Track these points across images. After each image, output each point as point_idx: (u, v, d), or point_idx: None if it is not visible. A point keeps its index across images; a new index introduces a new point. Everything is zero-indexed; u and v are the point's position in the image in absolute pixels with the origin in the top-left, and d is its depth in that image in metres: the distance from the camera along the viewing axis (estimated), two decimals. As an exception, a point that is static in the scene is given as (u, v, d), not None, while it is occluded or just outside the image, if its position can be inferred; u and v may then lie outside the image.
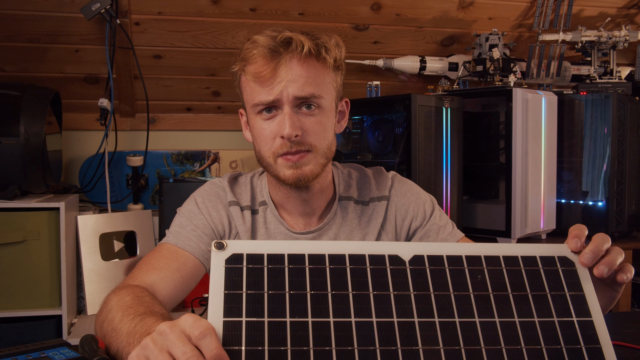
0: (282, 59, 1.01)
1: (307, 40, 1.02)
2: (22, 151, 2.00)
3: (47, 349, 0.83)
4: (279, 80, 1.01)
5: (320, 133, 1.05)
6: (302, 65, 1.02)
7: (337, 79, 1.09)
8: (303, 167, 1.05)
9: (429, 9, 2.49)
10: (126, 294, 0.91)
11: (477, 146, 2.33)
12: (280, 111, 1.03)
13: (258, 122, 1.06)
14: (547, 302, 0.73)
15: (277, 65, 1.01)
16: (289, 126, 1.01)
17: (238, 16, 2.34)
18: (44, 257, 2.04)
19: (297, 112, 1.03)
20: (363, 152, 2.26)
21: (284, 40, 1.01)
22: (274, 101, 1.02)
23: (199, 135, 2.71)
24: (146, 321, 0.80)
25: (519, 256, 0.76)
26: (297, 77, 1.01)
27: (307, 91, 1.02)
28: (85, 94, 2.48)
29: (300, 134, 1.03)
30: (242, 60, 1.05)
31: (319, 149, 1.06)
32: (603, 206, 2.27)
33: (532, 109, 2.17)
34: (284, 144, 1.03)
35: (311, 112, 1.04)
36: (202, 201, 1.14)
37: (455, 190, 2.17)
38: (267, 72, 1.01)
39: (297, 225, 1.15)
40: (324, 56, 1.03)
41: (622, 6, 2.69)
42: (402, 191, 1.20)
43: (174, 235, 1.10)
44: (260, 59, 1.02)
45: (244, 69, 1.05)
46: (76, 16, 2.17)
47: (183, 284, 1.04)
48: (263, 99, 1.02)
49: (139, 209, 2.52)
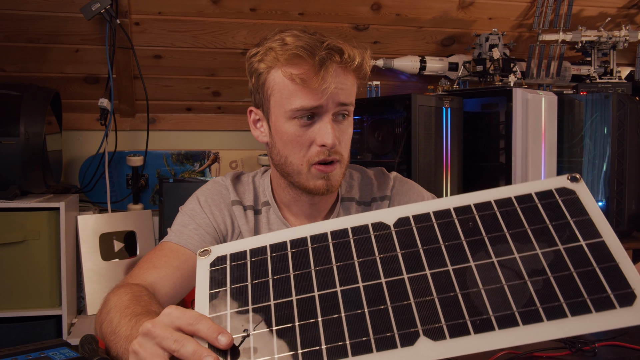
0: (330, 67, 0.98)
1: (358, 54, 1.01)
2: (22, 151, 2.00)
3: (47, 349, 0.83)
4: (326, 86, 0.98)
5: (347, 142, 1.07)
6: (346, 74, 1.02)
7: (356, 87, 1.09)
8: (332, 178, 1.05)
9: (429, 9, 2.49)
10: (124, 293, 0.91)
11: (477, 146, 2.32)
12: (319, 118, 1.02)
13: (292, 128, 1.02)
14: (549, 233, 0.66)
15: (326, 71, 0.98)
16: (333, 135, 1.00)
17: (238, 16, 2.34)
18: (44, 257, 2.04)
19: (334, 121, 1.03)
20: (363, 152, 2.26)
21: (334, 48, 0.99)
22: (317, 107, 1.00)
23: (199, 135, 2.71)
24: (142, 322, 0.80)
25: (512, 196, 0.70)
26: (342, 85, 1.01)
27: (349, 99, 1.03)
28: (85, 94, 2.48)
29: (338, 144, 1.03)
30: (277, 60, 1.00)
31: (345, 159, 1.07)
32: (603, 206, 2.27)
33: (532, 109, 2.17)
34: (321, 152, 1.02)
35: (345, 121, 1.05)
36: (205, 200, 1.14)
37: (455, 191, 2.17)
38: (315, 77, 0.98)
39: None
40: (365, 72, 1.04)
41: (622, 6, 2.69)
42: (403, 190, 1.20)
43: (176, 234, 1.09)
44: (306, 63, 0.98)
45: (283, 69, 1.00)
46: (76, 16, 2.17)
47: (183, 282, 1.04)
48: (307, 104, 0.99)
49: (139, 209, 2.52)
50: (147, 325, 0.64)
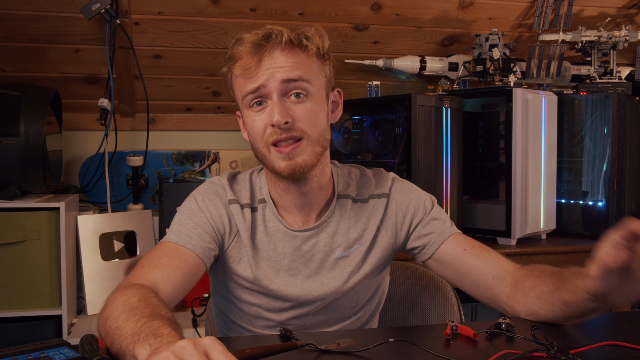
0: (265, 51, 1.04)
1: (286, 30, 1.05)
2: (22, 151, 2.00)
3: (47, 349, 0.83)
4: (265, 69, 1.04)
5: (311, 119, 1.07)
6: (286, 54, 1.05)
7: (325, 68, 1.11)
8: (296, 157, 1.06)
9: (429, 9, 2.49)
10: (133, 295, 0.91)
11: (477, 146, 2.32)
12: (269, 101, 1.05)
13: (250, 116, 1.08)
14: None
15: (261, 56, 1.04)
16: (277, 113, 1.03)
17: (238, 16, 2.34)
18: (44, 257, 2.04)
19: (285, 101, 1.06)
20: (363, 152, 2.26)
21: (264, 34, 1.05)
22: (260, 88, 1.04)
23: (199, 135, 2.71)
24: (152, 323, 0.80)
25: None
26: (282, 64, 1.05)
27: (294, 74, 1.04)
28: (85, 94, 2.48)
29: (290, 121, 1.04)
30: (229, 60, 1.09)
31: (311, 135, 1.07)
32: (603, 206, 2.27)
33: (532, 109, 2.17)
34: (274, 131, 1.05)
35: (300, 100, 1.06)
36: (202, 199, 1.14)
37: (455, 190, 2.17)
38: (252, 64, 1.04)
39: (295, 223, 1.16)
40: (306, 44, 1.06)
41: (622, 6, 2.69)
42: (402, 189, 1.21)
43: (175, 234, 1.10)
44: (245, 55, 1.06)
45: (232, 67, 1.08)
46: (76, 16, 2.17)
47: (185, 281, 1.05)
48: (249, 88, 1.05)
49: (139, 209, 2.52)
50: (186, 343, 0.66)
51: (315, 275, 1.14)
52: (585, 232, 2.30)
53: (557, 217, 2.31)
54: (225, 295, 1.19)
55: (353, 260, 1.15)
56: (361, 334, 1.11)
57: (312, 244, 1.15)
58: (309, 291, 1.13)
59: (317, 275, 1.14)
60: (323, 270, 1.14)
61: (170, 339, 0.74)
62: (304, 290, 1.13)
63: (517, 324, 1.00)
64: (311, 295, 1.14)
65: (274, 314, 1.15)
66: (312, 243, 1.15)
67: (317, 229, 1.15)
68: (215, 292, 1.23)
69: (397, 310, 1.43)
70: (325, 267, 1.15)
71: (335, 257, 1.15)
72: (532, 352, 0.87)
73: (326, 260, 1.15)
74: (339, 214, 1.17)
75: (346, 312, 1.18)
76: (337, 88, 1.18)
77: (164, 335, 0.76)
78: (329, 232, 1.15)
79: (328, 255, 1.15)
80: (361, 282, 1.17)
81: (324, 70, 1.11)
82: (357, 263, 1.16)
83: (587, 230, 2.30)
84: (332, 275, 1.14)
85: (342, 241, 1.15)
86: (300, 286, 1.13)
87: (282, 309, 1.15)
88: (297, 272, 1.14)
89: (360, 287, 1.18)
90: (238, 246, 1.14)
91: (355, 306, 1.19)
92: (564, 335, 0.99)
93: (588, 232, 2.29)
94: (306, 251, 1.14)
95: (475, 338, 0.94)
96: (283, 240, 1.14)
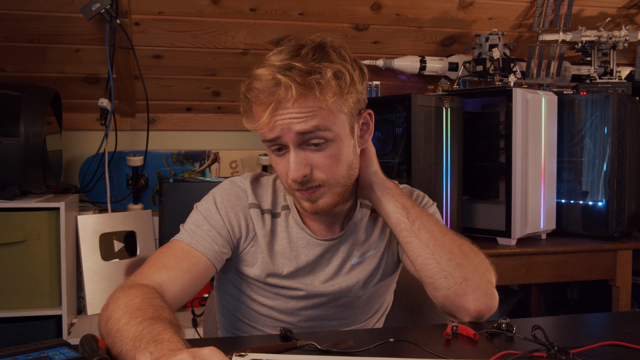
0: (277, 102, 0.97)
1: (295, 83, 0.96)
2: (22, 151, 2.00)
3: (47, 349, 0.83)
4: (279, 120, 0.98)
5: (331, 166, 1.03)
6: (300, 103, 0.97)
7: (349, 99, 1.02)
8: (318, 200, 1.05)
9: (429, 9, 2.49)
10: (136, 295, 0.90)
11: (477, 146, 2.32)
12: (287, 150, 1.02)
13: (271, 155, 1.07)
14: None
15: (274, 108, 0.97)
16: (293, 169, 1.01)
17: (238, 16, 2.34)
18: (44, 257, 2.04)
19: (304, 149, 1.01)
20: (363, 152, 2.25)
21: (275, 82, 0.97)
22: (276, 139, 1.00)
23: (199, 135, 2.71)
24: (154, 327, 0.80)
25: None
26: (296, 115, 0.97)
27: (309, 125, 0.98)
28: (85, 94, 2.48)
29: (308, 173, 1.02)
30: (246, 98, 1.02)
31: (332, 182, 1.05)
32: (603, 206, 2.27)
33: (532, 109, 2.17)
34: (294, 183, 1.03)
35: (320, 148, 1.01)
36: (221, 201, 1.13)
37: (455, 190, 2.17)
38: (265, 116, 0.98)
39: (319, 232, 1.15)
40: (317, 95, 0.97)
41: (622, 6, 2.69)
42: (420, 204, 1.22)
43: (189, 234, 1.09)
44: (259, 101, 0.99)
45: (250, 107, 1.02)
46: (76, 16, 2.17)
47: (192, 285, 1.04)
48: (267, 137, 1.01)
49: (139, 209, 2.52)
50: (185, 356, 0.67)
51: (332, 279, 1.15)
52: (585, 232, 2.30)
53: (557, 217, 2.31)
54: (236, 295, 1.19)
55: (368, 265, 1.17)
56: (361, 334, 1.11)
57: (334, 251, 1.16)
58: (322, 290, 1.14)
59: (335, 278, 1.15)
60: (340, 274, 1.16)
61: (171, 346, 0.75)
62: (318, 288, 1.14)
63: (518, 324, 1.00)
64: (327, 291, 1.14)
65: (285, 316, 1.16)
66: (334, 250, 1.16)
67: (340, 238, 1.16)
68: (223, 291, 1.22)
69: (398, 310, 1.43)
70: (342, 272, 1.16)
71: (352, 263, 1.16)
72: (532, 352, 0.87)
73: (344, 265, 1.16)
74: (360, 222, 1.18)
75: (358, 319, 1.20)
76: (368, 110, 1.09)
77: (164, 342, 0.76)
78: (350, 240, 1.16)
79: (346, 261, 1.16)
80: (375, 288, 1.18)
81: (346, 103, 1.02)
82: (372, 268, 1.17)
83: (587, 230, 2.30)
84: (348, 277, 1.16)
85: (359, 248, 1.17)
86: (315, 285, 1.14)
87: (295, 310, 1.15)
88: (315, 276, 1.15)
89: (374, 293, 1.19)
90: (254, 250, 1.13)
91: (367, 313, 1.21)
92: (564, 335, 0.99)
93: (588, 232, 2.29)
94: (327, 258, 1.15)
95: (475, 338, 0.94)
96: (307, 247, 1.14)
